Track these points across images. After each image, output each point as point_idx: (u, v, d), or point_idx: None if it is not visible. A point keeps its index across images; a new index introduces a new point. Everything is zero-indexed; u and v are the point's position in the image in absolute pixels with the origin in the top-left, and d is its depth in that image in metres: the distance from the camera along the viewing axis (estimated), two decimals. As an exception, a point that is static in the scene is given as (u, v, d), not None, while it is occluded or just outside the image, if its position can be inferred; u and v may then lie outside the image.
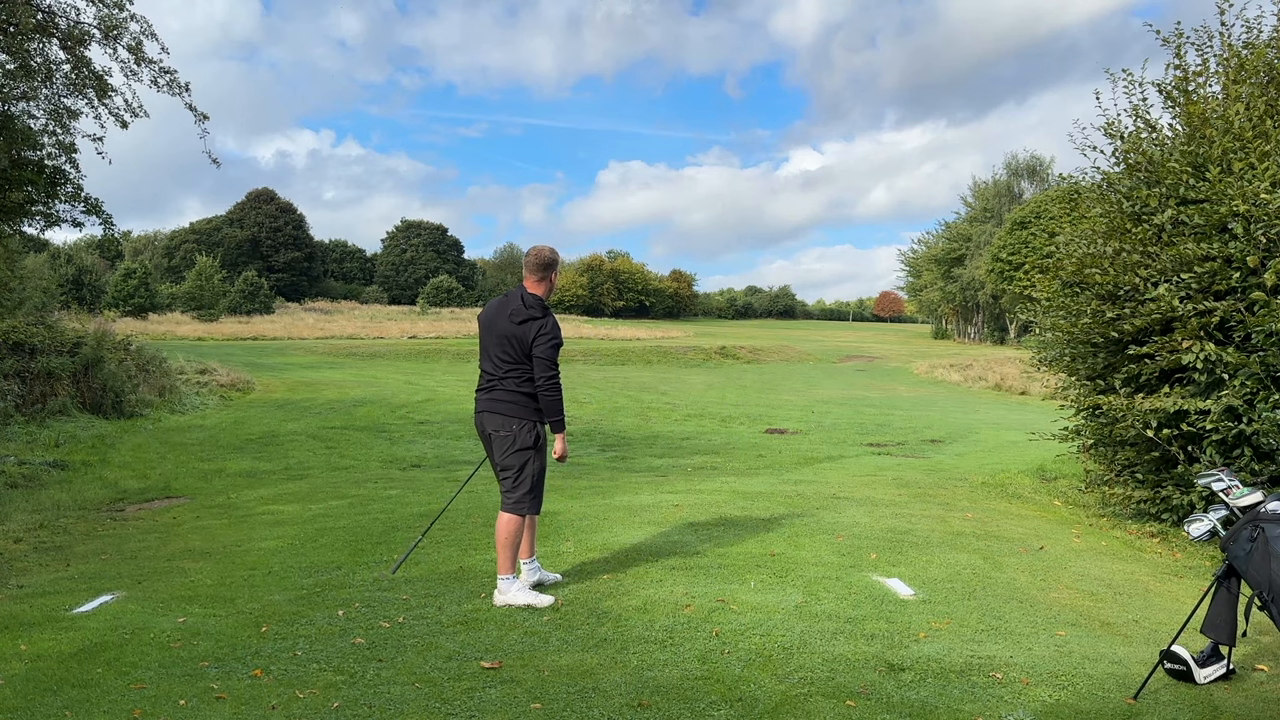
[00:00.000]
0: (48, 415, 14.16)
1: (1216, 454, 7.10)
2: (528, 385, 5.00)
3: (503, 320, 5.03)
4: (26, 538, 7.50)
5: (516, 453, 5.02)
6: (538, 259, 5.10)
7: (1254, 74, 7.59)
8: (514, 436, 5.01)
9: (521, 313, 5.00)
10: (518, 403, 5.01)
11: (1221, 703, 3.71)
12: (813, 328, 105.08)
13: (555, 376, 4.98)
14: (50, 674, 3.99)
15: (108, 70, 11.94)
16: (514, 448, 5.02)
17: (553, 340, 4.98)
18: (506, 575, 5.02)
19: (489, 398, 5.07)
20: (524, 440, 5.02)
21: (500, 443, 5.04)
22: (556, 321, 5.05)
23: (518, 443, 5.02)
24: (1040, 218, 59.27)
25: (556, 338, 5.01)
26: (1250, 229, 6.76)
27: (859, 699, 3.64)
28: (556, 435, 5.11)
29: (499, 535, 5.05)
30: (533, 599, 4.97)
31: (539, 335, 4.96)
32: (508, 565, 5.03)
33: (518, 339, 4.98)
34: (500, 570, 5.03)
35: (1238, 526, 3.82)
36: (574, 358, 41.18)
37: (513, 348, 4.99)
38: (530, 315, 4.99)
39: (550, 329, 4.99)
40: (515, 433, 5.01)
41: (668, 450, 14.00)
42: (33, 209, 13.17)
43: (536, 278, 5.11)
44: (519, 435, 5.02)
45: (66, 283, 52.81)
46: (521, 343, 4.97)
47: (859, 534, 6.80)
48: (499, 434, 5.04)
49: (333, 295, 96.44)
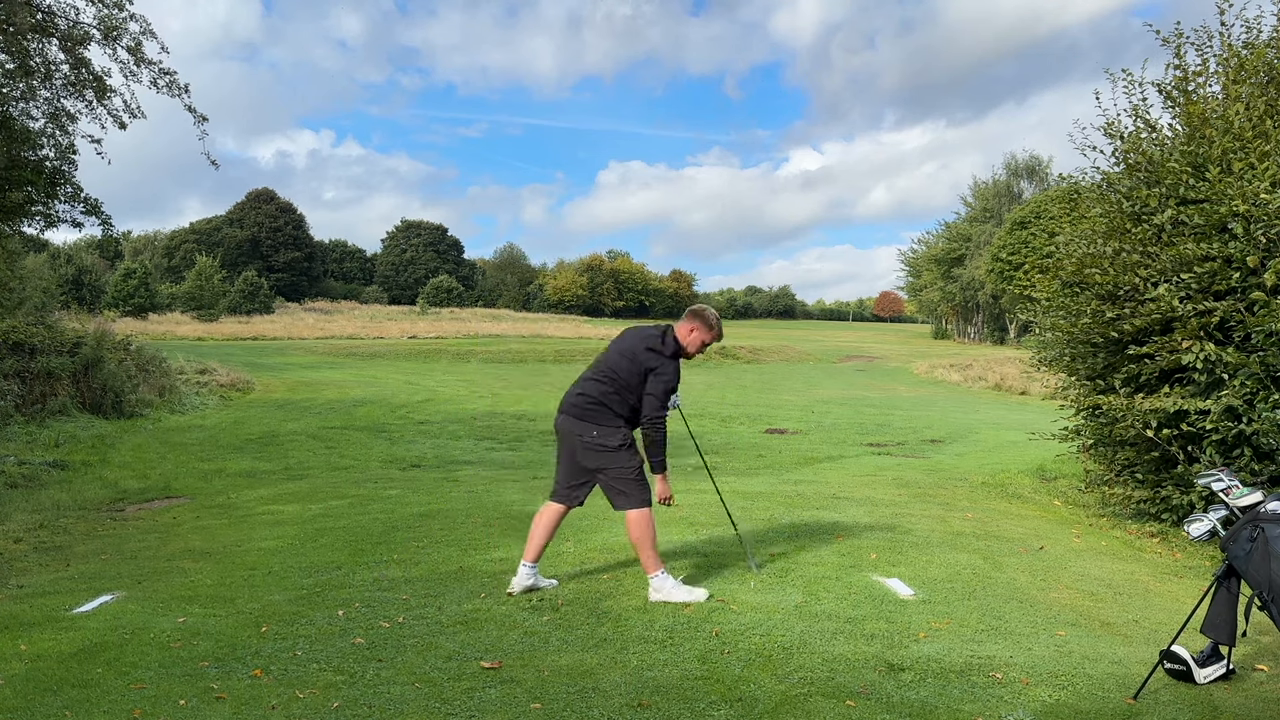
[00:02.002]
0: (48, 415, 14.16)
1: (1216, 454, 7.10)
2: (615, 400, 5.00)
3: (638, 341, 5.09)
4: (26, 538, 7.50)
5: (609, 454, 4.99)
6: (693, 309, 5.23)
7: (1254, 74, 7.59)
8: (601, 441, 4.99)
9: (656, 343, 5.06)
10: (602, 409, 5.00)
11: (1221, 703, 3.71)
12: (813, 328, 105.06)
13: (662, 418, 5.00)
14: (50, 674, 3.99)
15: (107, 71, 11.96)
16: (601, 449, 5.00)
17: (667, 383, 5.01)
18: (655, 573, 4.98)
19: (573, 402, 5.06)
20: (612, 442, 5.00)
21: (585, 449, 5.02)
22: (679, 370, 5.11)
23: (607, 445, 4.99)
24: (1040, 218, 59.23)
25: (672, 381, 5.04)
26: (1250, 229, 6.76)
27: (859, 699, 3.64)
28: (658, 476, 5.07)
29: (632, 536, 5.03)
30: (688, 595, 4.93)
31: (658, 370, 4.99)
32: (652, 563, 4.99)
33: (639, 363, 5.01)
34: (647, 569, 5.00)
35: (1238, 526, 3.81)
36: (574, 358, 41.17)
37: (628, 367, 5.02)
38: (661, 350, 5.03)
39: (670, 371, 5.04)
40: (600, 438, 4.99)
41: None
42: (32, 209, 13.17)
43: (686, 326, 5.18)
44: (606, 438, 4.99)
45: (66, 283, 52.79)
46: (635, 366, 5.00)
47: (859, 534, 6.80)
48: (581, 439, 5.01)
49: (333, 295, 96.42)
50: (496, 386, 26.88)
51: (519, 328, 62.75)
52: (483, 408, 20.49)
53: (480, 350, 42.49)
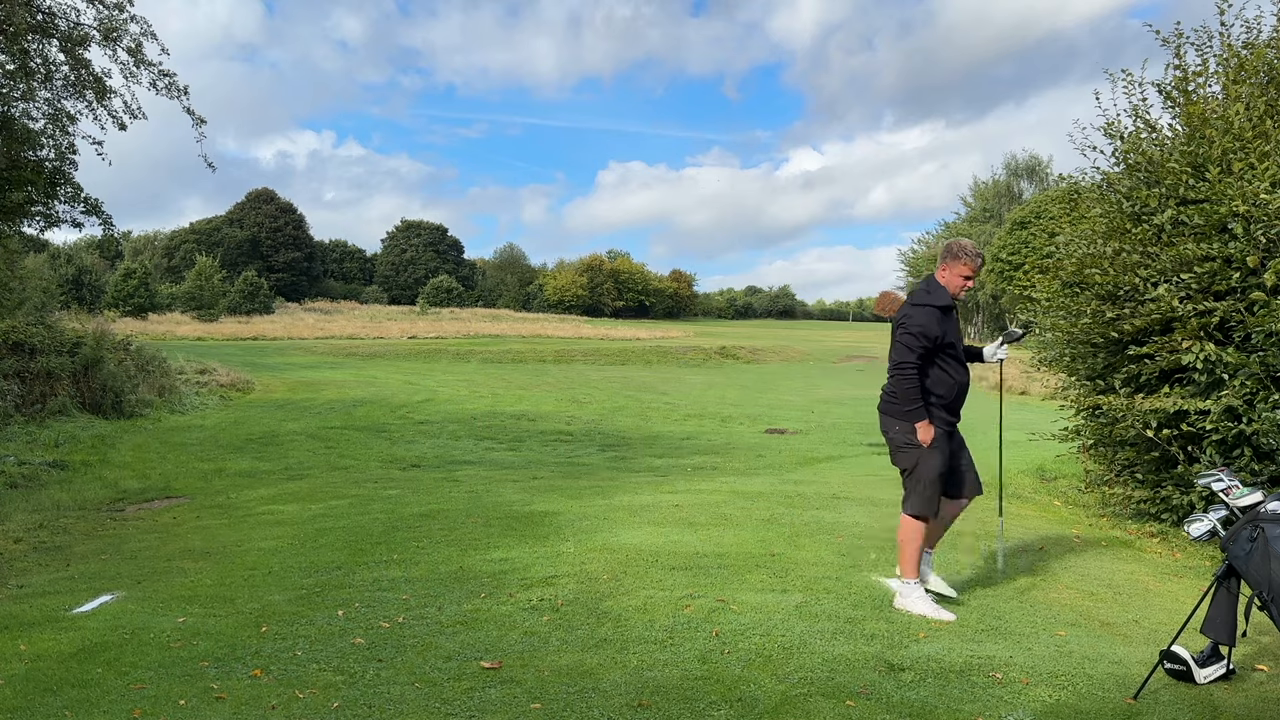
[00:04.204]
0: (48, 415, 14.16)
1: (1216, 454, 7.10)
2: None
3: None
4: (26, 538, 7.50)
5: (898, 452, 4.86)
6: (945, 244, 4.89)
7: (1254, 74, 7.59)
8: (893, 436, 4.85)
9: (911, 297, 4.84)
10: (890, 400, 4.84)
11: (1221, 703, 3.71)
12: (813, 328, 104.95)
13: (905, 365, 4.67)
14: (50, 674, 4.00)
15: (107, 72, 11.95)
16: (894, 447, 4.87)
17: (908, 329, 4.67)
18: (905, 579, 4.84)
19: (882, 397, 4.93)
20: (901, 438, 4.82)
21: (890, 444, 4.91)
22: (930, 311, 4.70)
23: (896, 441, 4.84)
24: (1040, 218, 59.18)
25: (916, 326, 4.67)
26: (1250, 229, 6.76)
27: (859, 699, 3.64)
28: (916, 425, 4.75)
29: (897, 536, 4.92)
30: (929, 610, 4.72)
31: (901, 320, 4.73)
32: (907, 568, 4.84)
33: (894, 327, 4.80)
34: (900, 572, 4.88)
35: (1238, 526, 3.81)
36: (574, 358, 41.19)
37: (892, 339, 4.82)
38: (909, 302, 4.79)
39: (915, 317, 4.69)
40: (894, 432, 4.84)
41: (668, 450, 14.00)
42: (32, 209, 13.16)
43: (940, 267, 4.86)
44: (896, 434, 4.83)
45: (66, 283, 52.73)
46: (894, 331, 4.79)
47: (859, 534, 6.80)
48: (885, 435, 4.91)
49: (333, 295, 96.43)
50: (496, 386, 26.88)
51: (519, 328, 62.78)
52: (483, 408, 20.49)
53: (480, 350, 42.48)
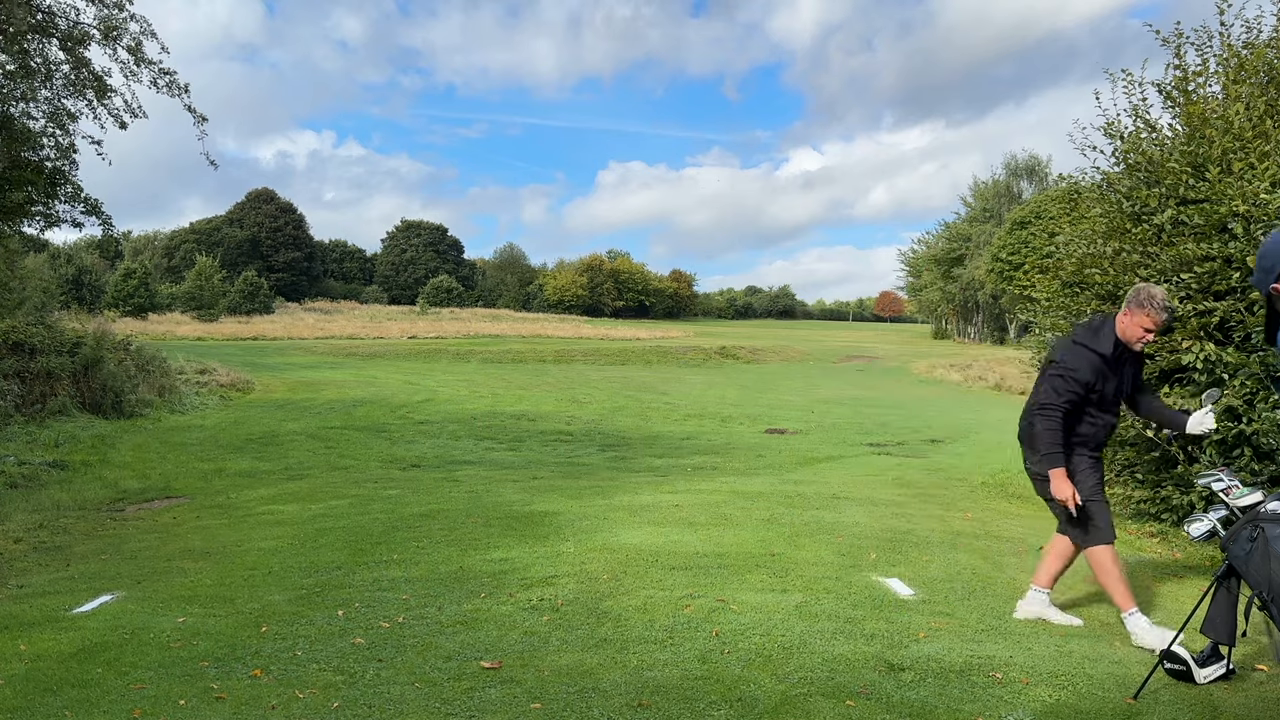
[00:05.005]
0: (48, 415, 14.16)
1: (1216, 454, 7.10)
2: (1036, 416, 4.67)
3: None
4: (26, 538, 7.50)
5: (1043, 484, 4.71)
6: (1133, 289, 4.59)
7: (1254, 74, 7.59)
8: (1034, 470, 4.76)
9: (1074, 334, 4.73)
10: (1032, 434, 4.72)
11: (1221, 703, 3.71)
12: (813, 328, 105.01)
13: (1049, 409, 4.52)
14: (50, 674, 4.00)
15: (107, 71, 11.95)
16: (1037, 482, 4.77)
17: (1060, 371, 4.53)
18: (1125, 612, 4.60)
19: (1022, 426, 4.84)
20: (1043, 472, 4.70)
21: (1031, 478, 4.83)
22: (1088, 356, 4.53)
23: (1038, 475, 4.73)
24: (1040, 218, 59.15)
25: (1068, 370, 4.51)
26: (1250, 229, 6.76)
27: (859, 699, 3.64)
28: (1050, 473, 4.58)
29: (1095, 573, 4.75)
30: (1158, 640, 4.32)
31: (1057, 359, 4.62)
32: (1121, 600, 4.62)
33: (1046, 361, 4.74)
34: (1119, 606, 4.65)
35: (1238, 526, 3.81)
36: (574, 358, 41.18)
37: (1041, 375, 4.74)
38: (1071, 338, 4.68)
39: (1070, 359, 4.54)
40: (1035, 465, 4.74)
41: (668, 450, 14.00)
42: (33, 209, 13.16)
43: (1123, 313, 4.58)
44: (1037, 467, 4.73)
45: (66, 283, 52.75)
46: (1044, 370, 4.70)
47: (859, 534, 6.80)
48: (1026, 468, 4.84)
49: (333, 295, 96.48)
50: (496, 386, 26.88)
51: (519, 328, 62.80)
52: (483, 408, 20.49)
53: (480, 350, 42.49)
